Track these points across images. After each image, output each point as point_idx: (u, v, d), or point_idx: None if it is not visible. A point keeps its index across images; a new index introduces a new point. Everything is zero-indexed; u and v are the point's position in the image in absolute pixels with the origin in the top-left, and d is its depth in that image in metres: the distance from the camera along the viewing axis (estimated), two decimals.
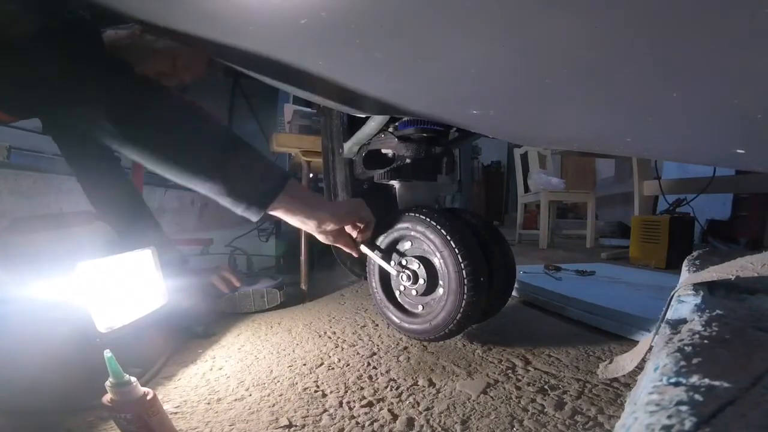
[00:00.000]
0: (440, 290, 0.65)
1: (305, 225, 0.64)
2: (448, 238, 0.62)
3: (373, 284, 0.75)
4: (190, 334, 0.76)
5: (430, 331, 0.66)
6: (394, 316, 0.72)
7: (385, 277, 0.74)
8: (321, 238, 0.67)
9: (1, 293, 0.55)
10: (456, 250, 0.62)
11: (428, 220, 0.65)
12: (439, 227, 0.63)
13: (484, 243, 0.69)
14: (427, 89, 0.50)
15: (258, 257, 1.48)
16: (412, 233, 0.68)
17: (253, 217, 0.58)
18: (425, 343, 0.72)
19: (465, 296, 0.61)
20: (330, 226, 0.64)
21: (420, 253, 0.68)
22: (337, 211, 0.65)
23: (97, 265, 0.60)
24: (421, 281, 0.67)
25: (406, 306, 0.72)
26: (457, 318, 0.62)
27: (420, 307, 0.69)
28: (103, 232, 0.84)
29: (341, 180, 0.93)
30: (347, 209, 0.67)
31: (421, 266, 0.67)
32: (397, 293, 0.73)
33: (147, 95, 0.55)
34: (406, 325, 0.70)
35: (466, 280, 0.61)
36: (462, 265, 0.61)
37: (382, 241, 0.72)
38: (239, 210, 0.57)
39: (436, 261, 0.65)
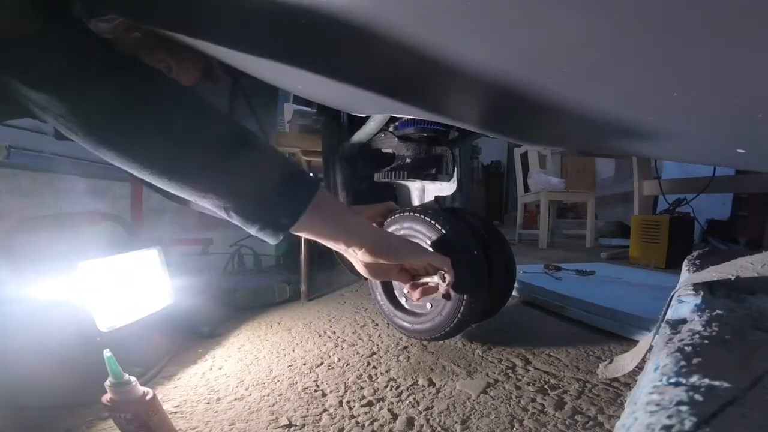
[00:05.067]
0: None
1: (339, 249, 0.52)
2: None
3: (378, 298, 0.74)
4: (196, 335, 0.76)
5: (444, 322, 0.64)
6: (405, 322, 0.71)
7: (388, 289, 0.73)
8: (360, 268, 0.55)
9: (3, 293, 0.55)
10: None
11: (432, 222, 0.64)
12: (440, 228, 0.63)
13: (485, 243, 0.69)
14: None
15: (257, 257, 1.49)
16: (415, 234, 0.67)
17: (271, 240, 0.46)
18: (425, 343, 0.72)
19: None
20: (368, 259, 0.51)
21: None
22: (392, 245, 0.53)
23: (99, 264, 0.60)
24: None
25: (416, 309, 0.71)
26: (465, 301, 0.62)
27: (429, 306, 0.68)
28: (109, 231, 0.85)
29: (341, 180, 0.93)
30: (412, 251, 0.55)
31: None
32: (402, 300, 0.72)
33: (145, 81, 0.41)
34: (419, 327, 0.69)
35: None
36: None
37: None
38: (252, 231, 0.45)
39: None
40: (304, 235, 0.49)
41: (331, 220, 0.49)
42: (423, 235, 0.66)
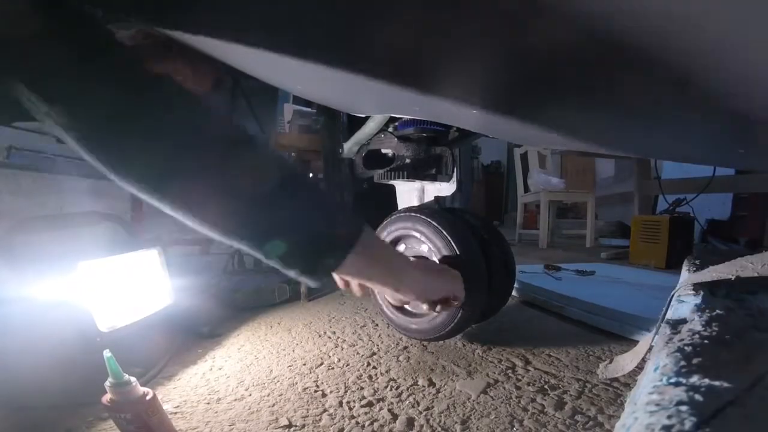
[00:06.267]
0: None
1: (384, 292, 0.55)
2: (449, 239, 0.63)
3: (388, 314, 0.73)
4: (196, 335, 0.76)
5: (451, 316, 0.64)
6: (415, 325, 0.69)
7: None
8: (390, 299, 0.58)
9: (3, 293, 0.55)
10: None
11: (431, 221, 0.64)
12: (441, 229, 0.63)
13: (484, 243, 0.69)
14: None
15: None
16: (414, 234, 0.67)
17: (311, 284, 0.44)
18: (425, 344, 0.72)
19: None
20: (412, 300, 0.55)
21: (418, 253, 0.68)
22: (427, 286, 0.54)
23: (99, 264, 0.60)
24: None
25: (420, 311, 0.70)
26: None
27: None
28: (109, 232, 0.84)
29: (341, 180, 0.93)
30: (441, 286, 0.55)
31: None
32: (409, 306, 0.71)
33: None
34: (428, 326, 0.67)
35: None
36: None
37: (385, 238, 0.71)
38: (291, 274, 0.42)
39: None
40: (350, 278, 0.47)
41: (381, 265, 0.47)
42: (419, 233, 0.66)
